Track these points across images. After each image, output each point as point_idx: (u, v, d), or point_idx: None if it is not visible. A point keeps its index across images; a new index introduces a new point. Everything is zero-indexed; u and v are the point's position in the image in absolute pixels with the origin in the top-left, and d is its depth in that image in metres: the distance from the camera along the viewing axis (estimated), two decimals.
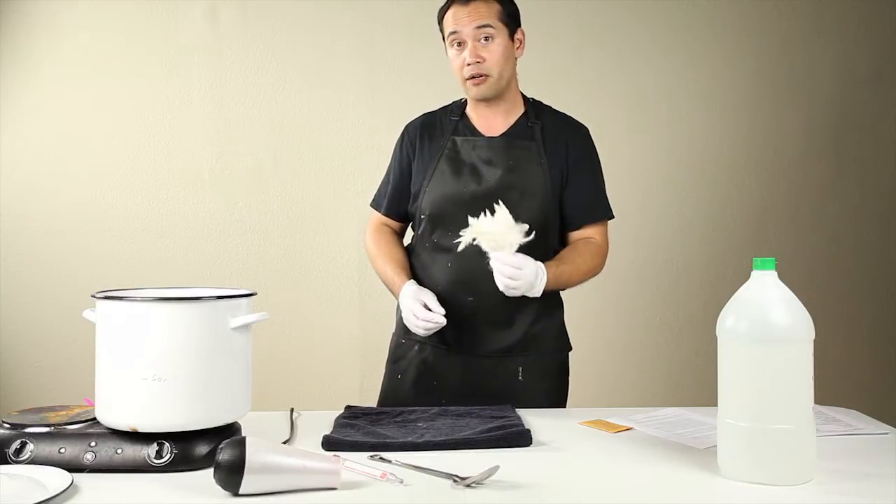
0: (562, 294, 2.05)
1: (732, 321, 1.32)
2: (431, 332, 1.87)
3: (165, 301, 1.38)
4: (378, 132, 3.19)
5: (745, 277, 1.35)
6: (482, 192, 1.90)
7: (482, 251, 1.86)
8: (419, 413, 1.73)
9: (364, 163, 3.20)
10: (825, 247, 3.24)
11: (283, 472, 1.24)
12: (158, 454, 1.35)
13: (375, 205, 2.15)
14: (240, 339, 1.42)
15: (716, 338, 1.35)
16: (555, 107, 2.06)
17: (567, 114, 2.04)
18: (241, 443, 1.24)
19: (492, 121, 1.99)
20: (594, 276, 1.98)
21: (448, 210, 1.93)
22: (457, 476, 1.30)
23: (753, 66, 3.22)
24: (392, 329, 2.14)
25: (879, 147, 3.25)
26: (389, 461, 1.39)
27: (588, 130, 2.03)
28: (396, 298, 1.98)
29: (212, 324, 1.38)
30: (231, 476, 1.22)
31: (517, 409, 1.73)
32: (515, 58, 1.98)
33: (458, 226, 1.89)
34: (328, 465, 1.27)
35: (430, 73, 3.17)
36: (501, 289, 1.78)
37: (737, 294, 1.34)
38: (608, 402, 2.13)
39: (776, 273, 1.33)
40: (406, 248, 2.10)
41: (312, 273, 3.22)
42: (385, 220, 2.12)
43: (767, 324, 1.29)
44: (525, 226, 1.76)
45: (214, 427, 1.40)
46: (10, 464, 1.34)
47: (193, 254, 3.19)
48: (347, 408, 1.78)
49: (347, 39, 3.20)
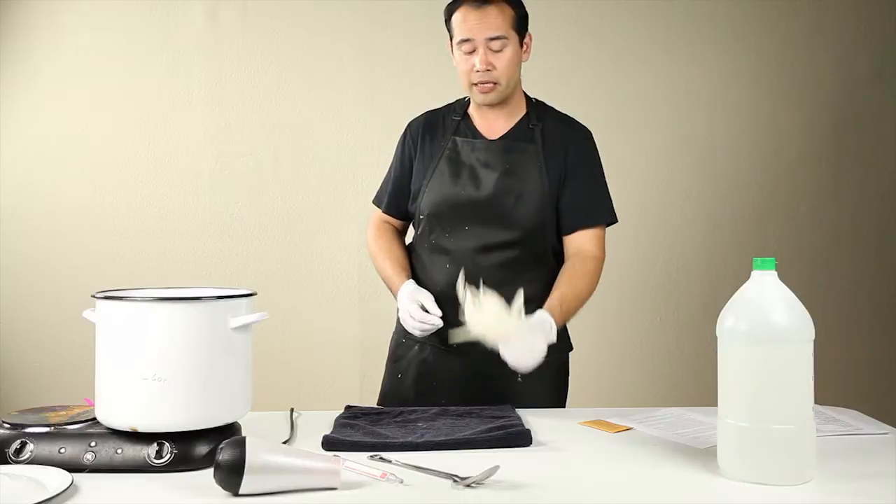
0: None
1: (732, 321, 1.32)
2: (428, 333, 1.87)
3: (165, 301, 1.38)
4: (378, 132, 3.19)
5: (745, 277, 1.35)
6: (480, 197, 1.91)
7: (480, 251, 1.88)
8: (419, 413, 1.73)
9: (364, 163, 3.20)
10: (825, 247, 3.24)
11: (283, 472, 1.24)
12: (158, 454, 1.35)
13: (377, 202, 2.14)
14: (240, 339, 1.42)
15: (716, 338, 1.35)
16: (555, 107, 2.06)
17: (571, 116, 2.03)
18: (241, 443, 1.24)
19: (493, 122, 1.98)
20: (593, 291, 1.95)
21: (446, 212, 1.94)
22: (457, 476, 1.30)
23: (754, 66, 3.22)
24: (392, 328, 2.14)
25: (879, 147, 3.25)
26: (389, 461, 1.39)
27: (590, 133, 2.01)
28: (395, 297, 1.98)
29: (212, 324, 1.38)
30: (231, 476, 1.22)
31: (517, 409, 1.73)
32: (521, 62, 1.96)
33: (456, 227, 1.91)
34: (328, 465, 1.27)
35: (430, 74, 3.17)
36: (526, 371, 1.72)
37: (737, 294, 1.34)
38: (608, 402, 2.13)
39: (776, 273, 1.33)
40: (407, 247, 2.11)
41: (312, 273, 3.22)
42: (386, 218, 2.12)
43: (767, 324, 1.29)
44: (520, 300, 1.67)
45: (214, 427, 1.40)
46: (10, 464, 1.34)
47: (193, 254, 3.19)
48: (347, 408, 1.78)
49: (347, 39, 3.20)
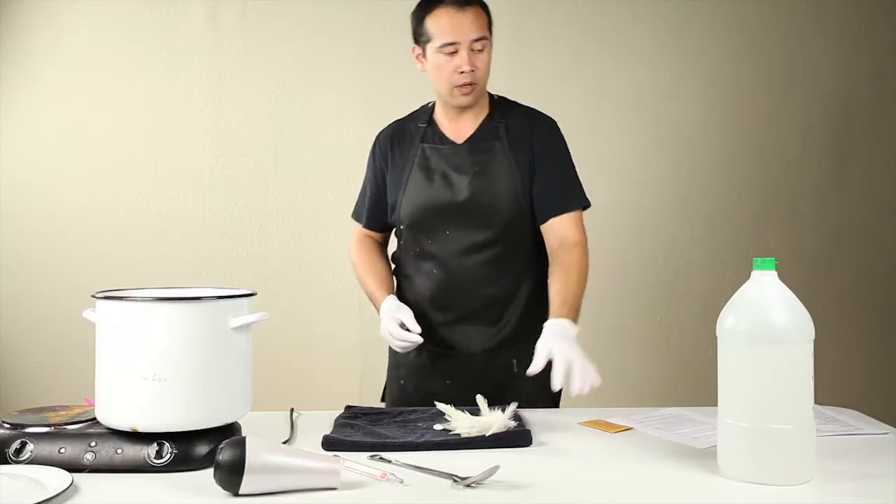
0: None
1: (732, 321, 1.32)
2: (409, 350, 1.91)
3: (165, 301, 1.38)
4: (377, 132, 3.19)
5: (745, 277, 1.35)
6: (456, 201, 1.93)
7: (463, 254, 1.93)
8: (419, 413, 1.73)
9: (364, 163, 3.17)
10: (825, 247, 3.24)
11: (283, 472, 1.24)
12: (158, 454, 1.35)
13: (356, 217, 2.16)
14: (240, 339, 1.42)
15: (716, 338, 1.35)
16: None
17: (534, 108, 2.04)
18: (241, 443, 1.24)
19: (460, 124, 2.00)
20: (587, 276, 1.95)
21: (425, 219, 1.97)
22: (457, 476, 1.30)
23: (753, 66, 3.22)
24: None
25: (879, 147, 3.25)
26: (389, 461, 1.39)
27: (555, 122, 2.02)
28: (377, 312, 2.00)
29: (212, 324, 1.38)
30: (231, 476, 1.22)
31: (519, 409, 1.72)
32: None
33: (438, 233, 1.95)
34: (328, 465, 1.27)
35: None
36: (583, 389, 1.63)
37: (737, 294, 1.34)
38: (608, 402, 2.13)
39: (776, 273, 1.33)
40: (392, 257, 2.13)
41: (312, 273, 3.22)
42: (367, 232, 2.14)
43: (767, 324, 1.29)
44: (511, 408, 1.61)
45: (214, 427, 1.40)
46: (10, 464, 1.34)
47: (193, 254, 3.19)
48: (347, 408, 1.78)
49: (347, 39, 3.20)
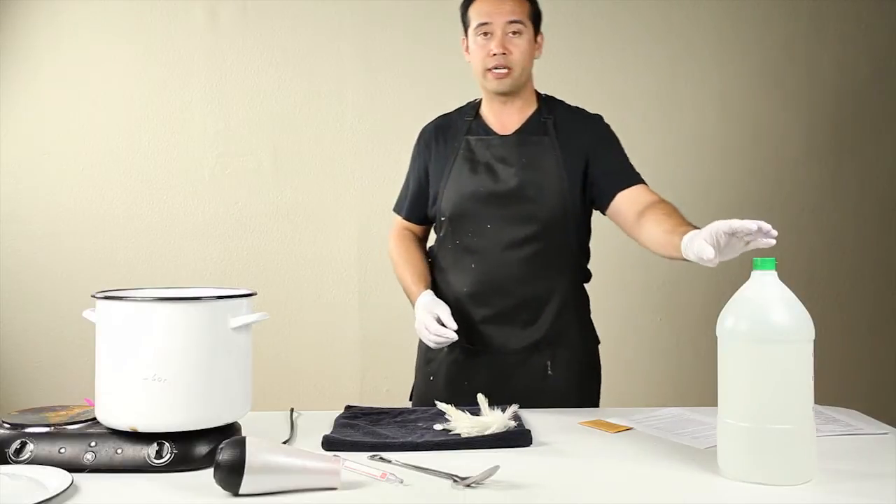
0: (586, 287, 2.06)
1: (732, 321, 1.32)
2: (443, 346, 1.87)
3: (165, 301, 1.38)
4: (378, 132, 3.20)
5: (745, 277, 1.35)
6: (500, 191, 1.92)
7: (505, 248, 1.91)
8: (419, 413, 1.73)
9: (364, 163, 3.20)
10: (825, 247, 3.24)
11: (283, 472, 1.24)
12: (158, 454, 1.35)
13: (397, 209, 2.15)
14: (240, 339, 1.42)
15: (716, 338, 1.35)
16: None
17: (581, 108, 2.04)
18: (241, 443, 1.24)
19: (505, 118, 1.99)
20: None
21: (468, 210, 1.94)
22: (457, 476, 1.30)
23: (753, 66, 3.22)
24: (392, 329, 2.14)
25: (879, 147, 3.25)
26: (389, 461, 1.39)
27: (601, 116, 2.03)
28: (413, 306, 1.98)
29: (212, 324, 1.38)
30: (231, 476, 1.22)
31: (520, 409, 1.72)
32: (534, 58, 1.98)
33: (479, 226, 1.93)
34: (328, 465, 1.27)
35: (430, 74, 3.18)
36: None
37: (737, 294, 1.34)
38: (608, 402, 2.13)
39: (776, 273, 1.33)
40: (429, 251, 2.11)
41: (312, 273, 3.22)
42: (407, 225, 2.12)
43: (767, 324, 1.29)
44: (511, 408, 1.60)
45: (214, 427, 1.40)
46: (10, 464, 1.34)
47: (193, 254, 3.19)
48: (347, 408, 1.78)
49: (347, 39, 3.20)
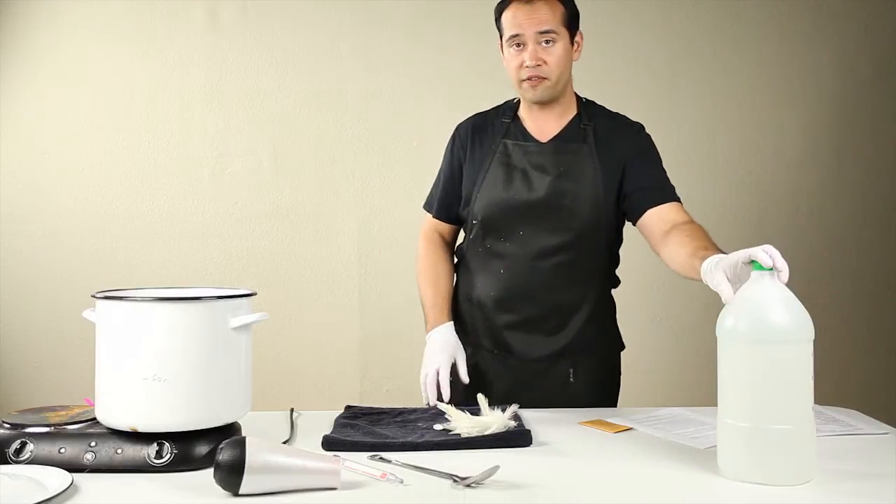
0: (615, 294, 2.04)
1: (732, 321, 1.32)
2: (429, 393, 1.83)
3: (165, 301, 1.38)
4: (378, 132, 3.20)
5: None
6: (533, 201, 1.88)
7: (536, 256, 1.88)
8: (419, 413, 1.73)
9: (364, 163, 3.20)
10: (825, 247, 3.24)
11: (283, 472, 1.24)
12: (158, 454, 1.35)
13: (427, 207, 2.09)
14: (240, 339, 1.42)
15: (716, 338, 1.35)
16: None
17: (621, 113, 2.00)
18: (241, 443, 1.24)
19: (544, 123, 1.95)
20: None
21: (501, 215, 1.91)
22: (457, 476, 1.30)
23: (753, 66, 3.22)
24: (394, 328, 2.14)
25: (879, 147, 3.25)
26: (389, 461, 1.39)
27: (642, 126, 1.99)
28: (426, 327, 1.96)
29: (212, 324, 1.38)
30: (231, 476, 1.22)
31: (521, 409, 1.72)
32: (572, 61, 1.93)
33: (511, 232, 1.90)
34: (328, 465, 1.27)
35: (430, 74, 3.18)
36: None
37: (737, 294, 1.34)
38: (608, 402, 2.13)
39: (776, 273, 1.33)
40: (457, 250, 2.09)
41: (312, 273, 3.22)
42: (437, 225, 2.08)
43: (767, 324, 1.29)
44: (511, 408, 1.59)
45: (214, 427, 1.40)
46: (10, 464, 1.34)
47: (193, 254, 3.19)
48: (347, 408, 1.78)
49: (347, 39, 3.20)
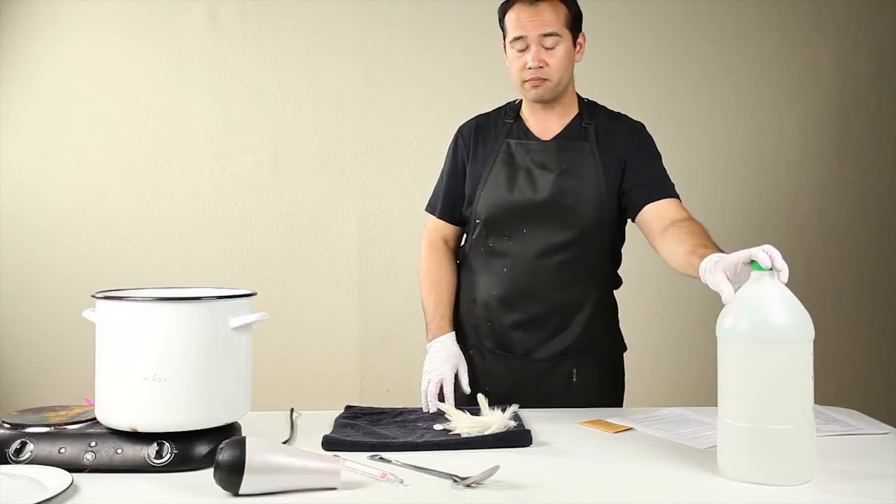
0: (616, 294, 2.04)
1: (732, 321, 1.32)
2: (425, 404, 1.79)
3: (165, 301, 1.38)
4: (378, 132, 3.20)
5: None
6: (538, 199, 1.89)
7: (539, 255, 1.88)
8: (419, 413, 1.73)
9: (364, 163, 3.20)
10: (825, 247, 3.24)
11: (283, 472, 1.24)
12: (158, 454, 1.35)
13: (431, 208, 2.08)
14: (240, 339, 1.42)
15: (716, 338, 1.35)
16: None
17: (623, 114, 2.02)
18: (241, 443, 1.24)
19: (546, 123, 1.96)
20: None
21: (503, 215, 1.91)
22: (457, 476, 1.30)
23: (754, 66, 3.22)
24: (394, 328, 2.14)
25: (879, 147, 3.25)
26: (389, 461, 1.39)
27: (643, 125, 2.00)
28: (427, 336, 1.96)
29: (212, 324, 1.38)
30: (231, 476, 1.22)
31: (521, 409, 1.72)
32: (574, 62, 1.95)
33: (515, 231, 1.90)
34: (328, 465, 1.27)
35: (431, 74, 3.18)
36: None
37: (737, 294, 1.34)
38: (608, 402, 2.13)
39: (776, 273, 1.33)
40: (459, 251, 2.08)
41: (312, 273, 3.22)
42: (440, 227, 2.06)
43: (767, 324, 1.29)
44: (511, 408, 1.60)
45: (214, 427, 1.40)
46: (10, 464, 1.34)
47: (193, 254, 3.19)
48: (347, 408, 1.78)
49: (347, 39, 3.20)
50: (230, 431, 1.42)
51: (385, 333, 3.17)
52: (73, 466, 1.33)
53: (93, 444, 1.36)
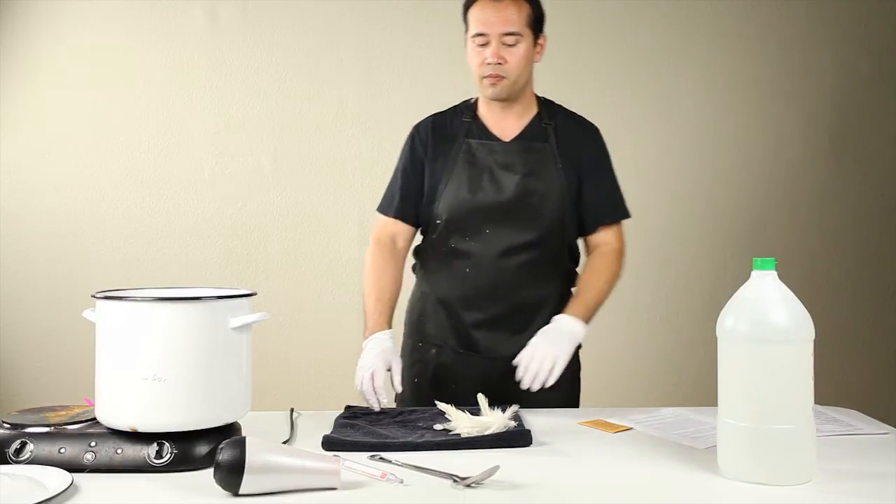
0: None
1: (732, 321, 1.32)
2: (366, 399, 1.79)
3: (165, 301, 1.38)
4: (378, 132, 3.19)
5: (745, 277, 1.35)
6: (502, 200, 1.90)
7: (502, 255, 1.89)
8: (419, 413, 1.73)
9: (364, 163, 3.20)
10: (825, 247, 3.24)
11: (283, 472, 1.24)
12: (158, 454, 1.35)
13: (385, 208, 2.03)
14: (240, 339, 1.42)
15: (716, 338, 1.35)
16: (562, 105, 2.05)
17: (578, 114, 2.03)
18: (241, 443, 1.24)
19: (505, 122, 1.96)
20: (617, 281, 1.99)
21: (467, 216, 1.92)
22: (457, 476, 1.30)
23: (753, 66, 3.22)
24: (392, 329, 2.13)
25: (879, 147, 3.25)
26: (389, 461, 1.39)
27: (599, 131, 2.02)
28: (364, 333, 1.91)
29: (212, 324, 1.38)
30: (231, 476, 1.22)
31: (520, 409, 1.72)
32: (534, 62, 1.95)
33: (478, 231, 1.91)
34: (328, 465, 1.27)
35: (431, 74, 3.18)
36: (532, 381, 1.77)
37: (737, 294, 1.35)
38: (608, 402, 2.13)
39: (776, 273, 1.33)
40: (415, 251, 2.08)
41: (312, 273, 3.22)
42: (393, 227, 2.02)
43: (767, 324, 1.29)
44: (511, 408, 1.63)
45: (214, 427, 1.40)
46: (10, 464, 1.34)
47: (193, 254, 3.19)
48: (347, 408, 1.78)
49: (347, 39, 3.20)
50: (230, 431, 1.42)
51: None
52: (73, 466, 1.33)
53: (93, 444, 1.36)
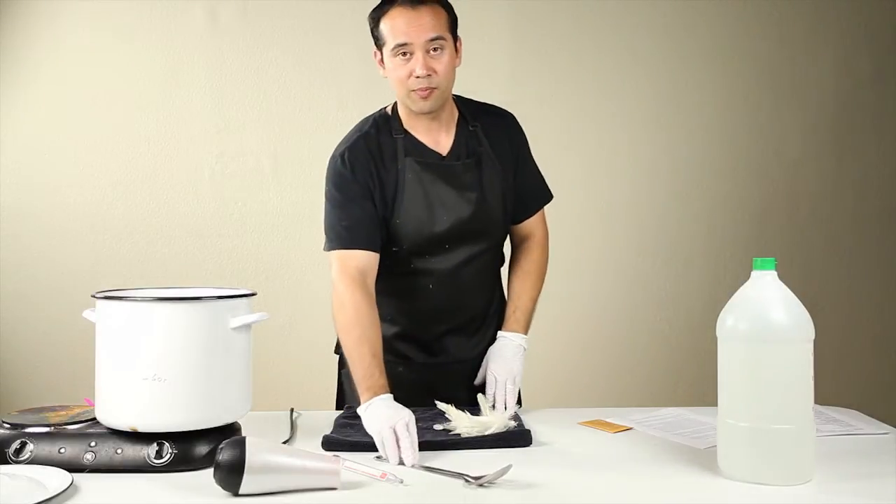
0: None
1: (732, 321, 1.32)
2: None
3: (165, 301, 1.38)
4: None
5: (745, 277, 1.35)
6: (462, 218, 1.83)
7: (461, 266, 1.87)
8: (419, 413, 1.73)
9: None
10: (825, 247, 3.24)
11: (283, 472, 1.24)
12: (158, 454, 1.35)
13: (341, 243, 1.81)
14: (240, 339, 1.42)
15: (716, 338, 1.35)
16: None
17: (488, 103, 1.96)
18: (241, 443, 1.24)
19: (437, 135, 1.87)
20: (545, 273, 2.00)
21: (429, 241, 1.84)
22: (469, 476, 1.29)
23: (754, 67, 3.22)
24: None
25: (879, 147, 3.25)
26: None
27: (514, 117, 1.96)
28: (359, 391, 1.62)
29: (212, 324, 1.38)
30: (231, 476, 1.22)
31: (520, 409, 1.73)
32: (455, 67, 1.83)
33: (438, 249, 1.85)
34: (328, 465, 1.27)
35: None
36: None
37: (737, 294, 1.35)
38: (608, 402, 2.13)
39: (776, 273, 1.33)
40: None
41: (312, 273, 3.22)
42: (357, 260, 1.78)
43: (767, 324, 1.29)
44: (511, 410, 1.67)
45: (214, 427, 1.40)
46: (10, 464, 1.34)
47: (193, 254, 3.19)
48: (347, 408, 1.78)
49: (347, 39, 3.20)
50: (230, 431, 1.42)
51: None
52: (73, 466, 1.33)
53: (93, 444, 1.36)
